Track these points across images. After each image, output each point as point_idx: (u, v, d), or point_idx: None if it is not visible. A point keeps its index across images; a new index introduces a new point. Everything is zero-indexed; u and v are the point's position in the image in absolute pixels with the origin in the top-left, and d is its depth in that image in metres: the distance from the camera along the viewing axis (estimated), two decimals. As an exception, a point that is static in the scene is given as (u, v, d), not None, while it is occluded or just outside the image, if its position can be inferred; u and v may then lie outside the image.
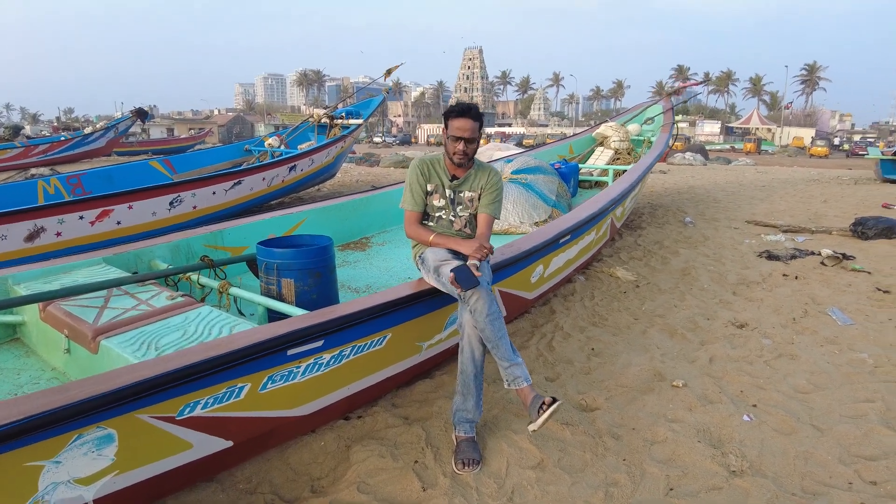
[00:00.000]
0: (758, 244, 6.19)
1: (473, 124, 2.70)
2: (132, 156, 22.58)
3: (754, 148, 45.17)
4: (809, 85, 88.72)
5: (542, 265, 3.83)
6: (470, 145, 2.71)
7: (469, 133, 2.68)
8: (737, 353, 3.54)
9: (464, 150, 2.70)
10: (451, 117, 2.73)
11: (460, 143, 2.69)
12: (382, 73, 10.09)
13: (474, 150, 2.76)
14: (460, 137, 2.68)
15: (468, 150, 2.72)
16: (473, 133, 2.70)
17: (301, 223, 4.53)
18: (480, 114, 2.77)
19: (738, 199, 9.53)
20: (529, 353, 3.54)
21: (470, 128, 2.68)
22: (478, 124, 2.73)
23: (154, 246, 3.59)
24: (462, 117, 2.69)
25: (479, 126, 2.74)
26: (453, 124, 2.71)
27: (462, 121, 2.69)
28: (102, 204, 6.13)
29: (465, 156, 2.72)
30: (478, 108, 2.77)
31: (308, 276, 2.95)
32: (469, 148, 2.71)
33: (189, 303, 2.64)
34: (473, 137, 2.71)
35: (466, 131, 2.68)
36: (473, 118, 2.71)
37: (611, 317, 4.17)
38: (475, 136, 2.72)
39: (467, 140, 2.69)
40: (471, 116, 2.70)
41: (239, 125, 74.10)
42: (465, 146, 2.69)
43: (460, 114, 2.70)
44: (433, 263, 2.65)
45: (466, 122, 2.68)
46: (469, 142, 2.70)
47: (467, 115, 2.69)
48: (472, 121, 2.70)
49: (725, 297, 4.59)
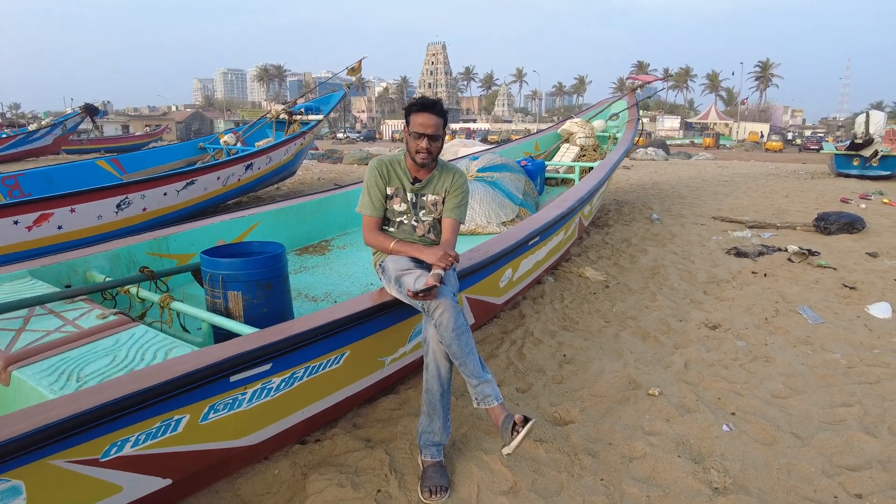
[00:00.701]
0: (725, 241, 6.16)
1: (438, 120, 2.48)
2: (83, 154, 21.57)
3: (713, 143, 46.26)
4: (763, 81, 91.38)
5: (511, 269, 3.66)
6: (434, 143, 2.50)
7: (433, 129, 2.47)
8: (712, 357, 3.43)
9: (427, 148, 2.48)
10: (412, 112, 2.51)
11: (423, 140, 2.47)
12: (346, 70, 9.76)
13: (438, 148, 2.54)
14: (423, 134, 2.46)
15: (432, 149, 2.50)
16: (438, 130, 2.49)
17: (254, 227, 4.24)
18: (445, 110, 2.56)
19: (702, 195, 9.58)
20: (499, 361, 3.36)
21: (434, 124, 2.47)
22: (442, 121, 2.52)
23: (89, 255, 3.27)
24: (425, 112, 2.47)
25: (443, 123, 2.52)
26: (415, 120, 2.48)
27: (425, 116, 2.47)
28: (40, 207, 5.69)
29: (429, 154, 2.50)
30: (442, 104, 2.56)
31: (257, 287, 2.69)
32: (433, 146, 2.50)
33: (122, 322, 2.36)
34: (437, 135, 2.49)
35: (430, 128, 2.46)
36: (438, 114, 2.49)
37: (582, 320, 4.03)
38: (439, 133, 2.50)
39: (431, 137, 2.47)
40: (435, 112, 2.48)
41: (198, 122, 72.16)
42: (428, 144, 2.47)
43: (423, 108, 2.48)
44: (394, 273, 2.44)
45: (430, 117, 2.46)
46: (433, 139, 2.48)
47: (431, 110, 2.48)
48: (437, 116, 2.48)
49: (696, 296, 4.51)
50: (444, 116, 2.53)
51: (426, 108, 2.48)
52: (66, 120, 19.33)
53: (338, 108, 10.95)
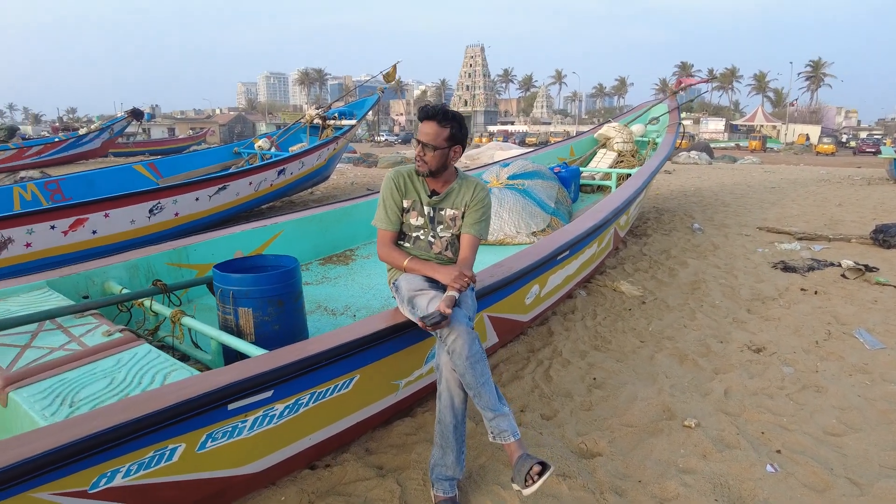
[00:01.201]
0: (772, 254, 5.80)
1: (439, 130, 2.33)
2: (129, 156, 22.30)
3: (759, 146, 44.61)
4: (814, 81, 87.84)
5: (538, 285, 3.47)
6: (430, 153, 2.34)
7: (429, 139, 2.32)
8: (755, 384, 3.17)
9: (421, 156, 2.36)
10: (419, 119, 2.41)
11: (419, 147, 2.36)
12: (381, 75, 9.71)
13: (437, 161, 2.37)
14: (419, 142, 2.36)
15: (426, 158, 2.35)
16: (436, 140, 2.33)
17: (276, 236, 4.17)
18: (455, 119, 2.38)
19: (747, 203, 9.13)
20: (524, 384, 3.17)
21: (431, 132, 2.33)
22: (445, 130, 2.34)
23: (108, 266, 3.24)
24: (427, 120, 2.36)
25: (448, 134, 2.35)
26: (420, 128, 2.39)
27: (426, 124, 2.35)
28: (76, 212, 5.78)
29: (424, 164, 2.37)
30: (451, 113, 2.38)
31: (268, 304, 2.59)
32: (428, 155, 2.35)
33: (127, 340, 2.28)
34: (435, 145, 2.33)
35: (426, 136, 2.33)
36: (440, 122, 2.34)
37: (615, 339, 3.81)
38: (437, 143, 2.33)
39: (425, 145, 2.33)
40: (436, 120, 2.34)
41: (240, 124, 73.84)
42: (422, 151, 2.35)
43: (426, 116, 2.37)
44: (407, 294, 2.29)
45: (430, 125, 2.34)
46: (428, 148, 2.34)
47: (432, 118, 2.34)
48: (438, 125, 2.33)
49: (739, 315, 4.22)
50: (449, 125, 2.36)
51: (429, 115, 2.37)
52: (114, 124, 19.93)
53: (376, 110, 10.90)
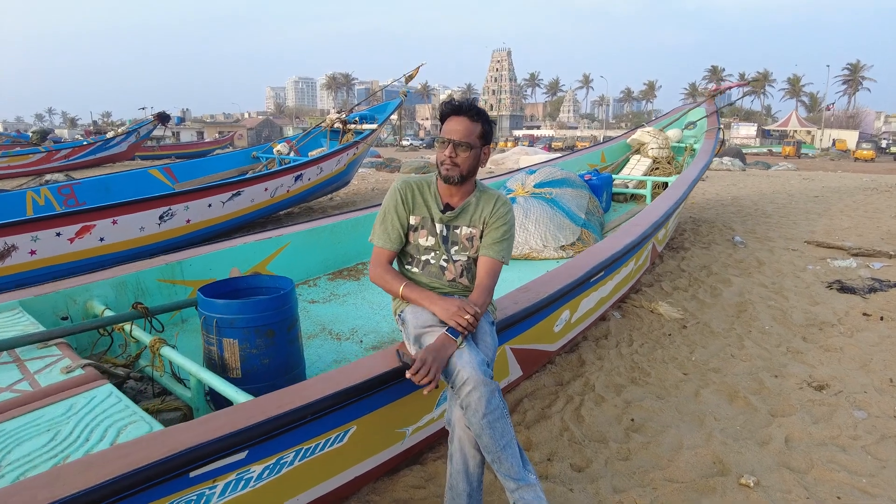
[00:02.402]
0: (824, 271, 5.28)
1: (471, 125, 1.97)
2: (155, 160, 22.41)
3: (793, 151, 43.22)
4: (852, 85, 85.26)
5: (569, 310, 3.08)
6: (462, 153, 1.96)
7: (461, 136, 1.95)
8: (822, 432, 2.72)
9: (451, 157, 1.96)
10: (443, 118, 2.02)
11: (448, 146, 1.96)
12: (403, 77, 9.43)
13: (469, 163, 2.00)
14: (449, 140, 1.96)
15: (458, 160, 1.97)
16: (469, 137, 1.96)
17: (283, 249, 3.85)
18: (486, 116, 2.02)
19: (791, 213, 8.54)
20: (552, 425, 2.78)
21: (464, 129, 1.96)
22: (478, 127, 1.99)
23: (91, 283, 2.94)
24: (456, 115, 1.98)
25: (480, 131, 1.99)
26: (445, 126, 2.00)
27: (456, 120, 1.97)
28: (83, 219, 5.57)
29: (455, 167, 1.97)
30: (480, 108, 2.02)
31: (256, 335, 2.25)
32: (460, 156, 1.97)
33: (88, 379, 1.96)
34: (469, 143, 1.96)
35: (457, 133, 1.96)
36: (472, 118, 1.97)
37: (654, 371, 3.38)
38: (471, 141, 1.97)
39: (457, 144, 1.95)
40: (468, 115, 1.97)
41: (268, 128, 74.62)
42: (453, 152, 1.96)
43: (455, 111, 1.99)
44: (414, 331, 1.92)
45: (461, 121, 1.97)
46: (461, 147, 1.95)
47: (463, 112, 1.98)
48: (470, 121, 1.97)
49: (794, 343, 3.75)
50: (482, 122, 2.00)
51: (458, 110, 1.98)
52: (140, 128, 20.06)
53: (402, 115, 10.60)
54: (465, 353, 1.73)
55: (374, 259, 2.11)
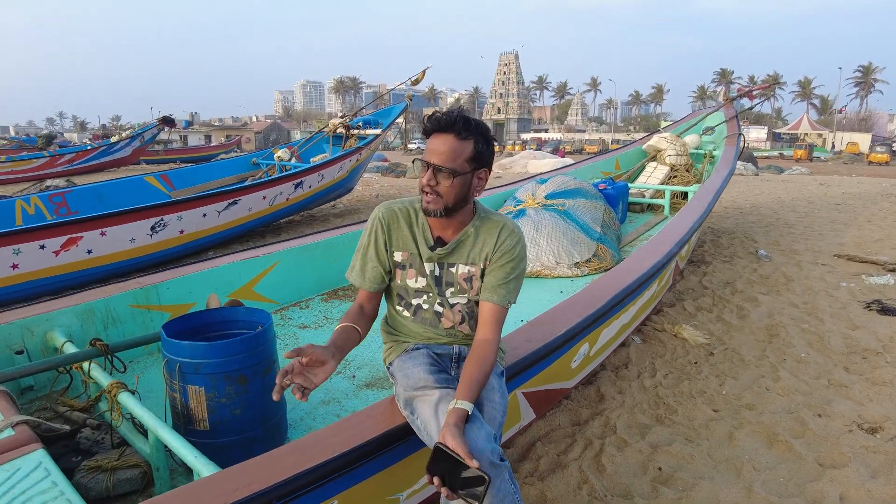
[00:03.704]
0: (860, 289, 4.90)
1: (458, 145, 1.55)
2: (160, 164, 22.24)
3: (805, 155, 42.54)
4: (864, 87, 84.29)
5: (588, 343, 2.73)
6: (444, 180, 1.56)
7: (444, 158, 1.55)
8: (883, 489, 2.35)
9: (431, 185, 1.56)
10: (427, 136, 1.61)
11: (427, 172, 1.56)
12: (409, 80, 9.14)
13: (456, 193, 1.59)
14: (427, 163, 1.56)
15: (440, 189, 1.57)
16: (454, 160, 1.55)
17: (272, 268, 3.53)
18: (479, 129, 1.60)
19: (815, 223, 8.13)
20: (568, 476, 2.43)
21: (449, 151, 1.55)
22: (467, 146, 1.57)
23: (54, 312, 2.63)
24: (439, 133, 1.57)
25: (471, 151, 1.58)
26: (428, 145, 1.60)
27: (438, 139, 1.57)
28: (69, 230, 5.29)
29: (437, 198, 1.58)
30: (473, 121, 1.60)
31: (226, 382, 1.93)
32: (442, 184, 1.57)
33: (18, 443, 1.64)
34: (453, 169, 1.55)
35: (439, 155, 1.55)
36: (459, 134, 1.55)
37: (681, 407, 3.03)
38: (457, 166, 1.56)
39: (437, 169, 1.55)
40: (453, 131, 1.55)
41: (275, 132, 74.74)
42: (432, 178, 1.56)
43: (437, 127, 1.57)
44: (404, 393, 1.59)
45: (445, 140, 1.55)
46: (442, 173, 1.55)
47: (447, 128, 1.56)
48: (457, 139, 1.55)
49: (836, 374, 3.39)
50: (476, 141, 1.58)
51: (439, 126, 1.57)
52: (145, 132, 19.88)
53: (409, 118, 10.30)
54: (470, 427, 1.39)
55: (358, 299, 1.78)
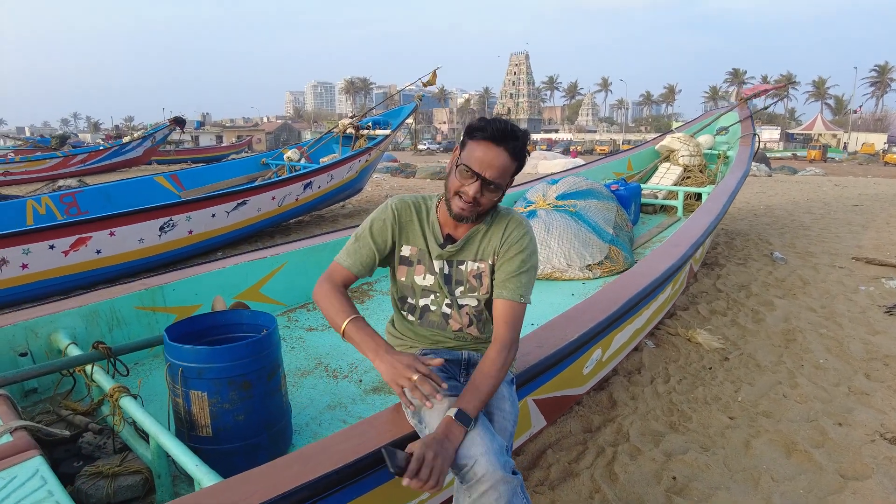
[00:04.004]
0: (880, 293, 4.78)
1: (509, 162, 1.52)
2: (171, 164, 22.37)
3: (819, 155, 42.06)
4: (880, 87, 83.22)
5: (601, 348, 2.67)
6: (490, 194, 1.54)
7: (496, 174, 1.50)
8: (908, 503, 2.27)
9: (476, 198, 1.52)
10: (475, 138, 1.54)
11: (474, 183, 1.51)
12: (420, 81, 9.10)
13: (493, 203, 1.58)
14: (478, 175, 1.51)
15: (483, 201, 1.54)
16: (504, 176, 1.53)
17: (279, 269, 3.49)
18: (525, 144, 1.56)
19: (831, 225, 7.98)
20: (580, 486, 2.37)
21: (501, 166, 1.51)
22: (514, 165, 1.55)
23: (58, 313, 2.60)
24: (494, 143, 1.51)
25: (515, 168, 1.56)
26: (474, 150, 1.52)
27: (492, 150, 1.50)
28: (78, 230, 5.29)
29: (475, 207, 1.55)
30: (521, 133, 1.55)
31: (229, 387, 1.88)
32: (486, 197, 1.54)
33: (16, 449, 1.60)
34: (499, 183, 1.52)
35: (493, 171, 1.50)
36: (513, 153, 1.52)
37: (696, 414, 2.95)
38: (505, 181, 1.54)
39: (486, 182, 1.51)
40: (508, 147, 1.51)
41: (286, 132, 75.09)
42: (479, 191, 1.51)
43: (494, 137, 1.50)
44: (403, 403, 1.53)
45: (499, 154, 1.50)
46: (489, 187, 1.52)
47: (503, 141, 1.50)
48: (510, 156, 1.52)
49: (856, 381, 3.29)
50: (519, 158, 1.56)
51: (496, 137, 1.50)
52: (156, 132, 19.99)
53: (418, 119, 10.33)
54: (478, 439, 1.33)
55: (326, 273, 1.69)
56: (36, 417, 2.22)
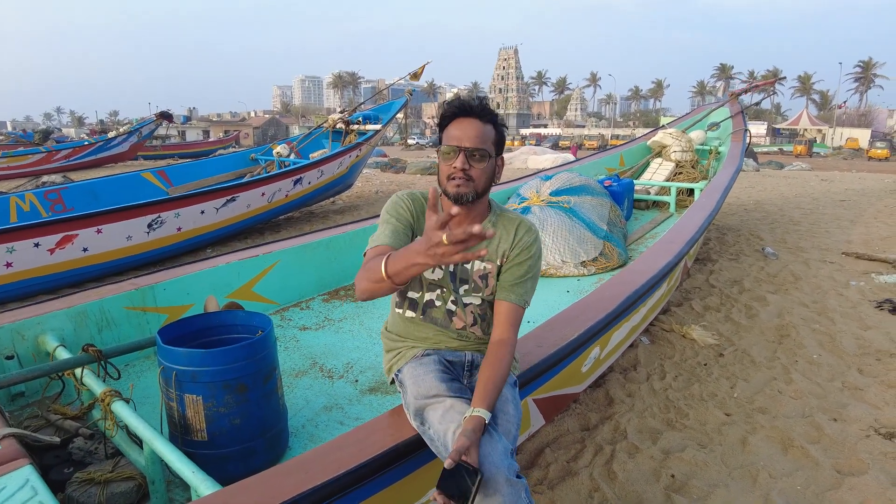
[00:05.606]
0: (870, 288, 4.82)
1: (483, 128, 1.53)
2: (157, 160, 22.12)
3: (805, 150, 42.50)
4: (864, 83, 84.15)
5: (599, 346, 2.65)
6: (477, 164, 1.52)
7: (475, 141, 1.51)
8: (904, 499, 2.28)
9: (464, 170, 1.51)
10: (444, 124, 1.57)
11: (458, 156, 1.51)
12: (408, 76, 9.03)
13: (486, 177, 1.56)
14: (459, 148, 1.51)
15: (473, 172, 1.52)
16: (484, 142, 1.53)
17: (271, 268, 3.44)
18: (499, 118, 1.59)
19: (820, 220, 8.04)
20: (579, 485, 2.35)
21: (478, 133, 1.52)
22: (491, 131, 1.56)
23: (46, 315, 2.54)
24: (465, 116, 1.53)
25: (494, 136, 1.56)
26: (448, 132, 1.55)
27: (465, 123, 1.52)
28: (64, 228, 5.19)
29: (469, 182, 1.52)
30: (493, 111, 1.58)
31: (225, 391, 1.84)
32: (475, 168, 1.52)
33: (4, 458, 1.55)
34: (485, 150, 1.52)
35: (470, 139, 1.51)
36: (484, 119, 1.54)
37: (692, 411, 2.95)
38: (487, 148, 1.53)
39: (470, 152, 1.50)
40: (479, 116, 1.53)
41: (273, 127, 74.42)
42: (465, 162, 1.50)
43: (462, 111, 1.54)
44: (414, 402, 1.51)
45: (472, 124, 1.52)
46: (474, 156, 1.51)
47: (473, 113, 1.53)
48: (482, 123, 1.53)
49: (850, 377, 3.31)
50: (495, 126, 1.57)
51: (465, 110, 1.54)
52: (142, 127, 19.71)
53: (408, 113, 10.24)
54: (484, 441, 1.30)
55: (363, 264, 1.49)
56: (24, 422, 2.16)
